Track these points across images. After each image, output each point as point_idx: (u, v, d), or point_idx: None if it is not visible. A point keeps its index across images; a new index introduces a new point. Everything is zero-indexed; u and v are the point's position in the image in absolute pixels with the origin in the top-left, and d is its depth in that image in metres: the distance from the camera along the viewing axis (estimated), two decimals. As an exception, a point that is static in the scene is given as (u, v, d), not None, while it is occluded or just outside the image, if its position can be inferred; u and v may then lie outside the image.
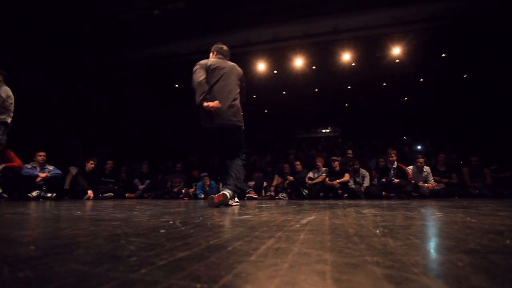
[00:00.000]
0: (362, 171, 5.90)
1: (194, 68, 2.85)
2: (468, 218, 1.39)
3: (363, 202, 3.59)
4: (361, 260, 0.58)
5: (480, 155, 5.51)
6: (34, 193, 4.65)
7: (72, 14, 6.66)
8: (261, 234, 0.93)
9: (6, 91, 3.87)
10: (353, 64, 9.05)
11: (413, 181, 5.14)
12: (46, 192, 4.81)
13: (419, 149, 7.79)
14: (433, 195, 5.05)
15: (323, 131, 18.13)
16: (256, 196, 5.47)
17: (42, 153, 4.96)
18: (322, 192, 5.59)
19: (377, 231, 0.99)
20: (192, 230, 1.02)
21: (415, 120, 11.69)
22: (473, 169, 5.42)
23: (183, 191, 5.75)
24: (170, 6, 7.38)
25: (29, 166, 4.84)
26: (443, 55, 8.33)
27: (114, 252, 0.65)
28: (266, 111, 13.07)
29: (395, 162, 5.33)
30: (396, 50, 7.90)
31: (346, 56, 8.48)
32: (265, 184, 5.90)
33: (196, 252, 0.66)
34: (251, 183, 5.82)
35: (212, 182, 5.88)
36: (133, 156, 8.05)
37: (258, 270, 0.51)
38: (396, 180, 5.06)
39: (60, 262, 0.56)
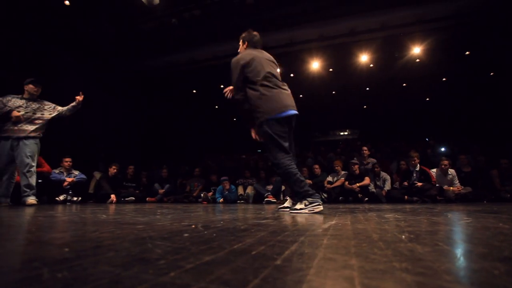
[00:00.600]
0: (383, 174, 5.75)
1: (234, 65, 2.46)
2: (501, 224, 1.32)
3: (385, 206, 3.49)
4: (389, 266, 0.57)
5: (511, 157, 5.24)
6: (61, 197, 4.85)
7: (96, 26, 6.97)
8: (284, 238, 0.93)
9: None
10: (371, 65, 8.90)
11: (437, 185, 4.95)
12: (72, 196, 5.01)
13: (443, 151, 7.49)
14: (460, 199, 4.83)
15: (341, 134, 17.88)
16: (275, 200, 5.45)
17: (68, 159, 5.19)
18: (341, 196, 5.49)
19: (403, 236, 0.97)
20: (214, 234, 1.03)
21: (437, 121, 11.30)
22: (504, 172, 5.15)
23: (202, 195, 5.82)
24: (186, 15, 7.57)
25: (57, 171, 5.07)
26: (467, 52, 8.01)
27: (143, 255, 0.67)
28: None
29: (418, 165, 5.15)
30: (416, 50, 7.70)
31: (364, 58, 8.36)
32: (283, 188, 5.86)
33: (221, 256, 0.67)
34: (269, 187, 5.80)
35: (232, 186, 5.93)
36: (153, 161, 8.26)
37: (285, 275, 0.51)
38: (419, 184, 4.89)
39: (93, 264, 0.58)
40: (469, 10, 6.03)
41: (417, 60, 8.29)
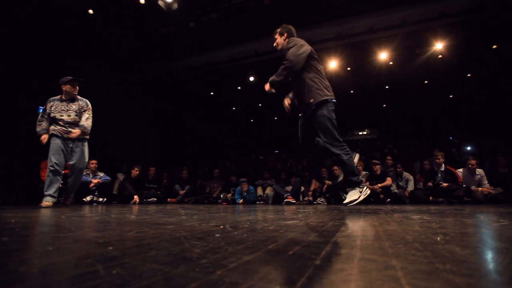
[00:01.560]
0: (406, 174, 5.60)
1: (300, 43, 2.60)
2: (540, 226, 1.26)
3: (409, 207, 3.40)
4: (432, 267, 0.57)
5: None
6: (88, 198, 5.05)
7: (117, 32, 7.22)
8: (315, 239, 0.94)
9: None
10: (391, 63, 8.70)
11: (464, 185, 4.77)
12: (98, 197, 5.21)
13: (469, 150, 7.19)
14: (489, 200, 4.62)
15: (360, 133, 17.53)
16: (294, 201, 5.43)
17: (94, 161, 5.39)
18: (362, 197, 5.38)
19: (438, 238, 0.94)
20: (245, 235, 1.05)
21: (462, 119, 10.86)
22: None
23: (221, 196, 5.89)
24: (204, 18, 7.70)
25: (84, 173, 5.28)
26: (495, 46, 7.66)
27: (184, 254, 0.70)
28: (300, 115, 12.96)
29: (443, 165, 4.98)
30: (439, 45, 7.45)
31: (383, 55, 8.17)
32: (302, 189, 5.84)
33: (259, 256, 0.68)
34: (289, 188, 5.79)
35: (251, 187, 5.97)
36: (173, 163, 8.44)
37: (329, 275, 0.52)
38: (445, 184, 4.73)
39: (141, 262, 0.61)
40: (497, 1, 5.77)
41: (440, 56, 8.03)
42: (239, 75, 9.15)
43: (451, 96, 11.17)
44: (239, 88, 10.41)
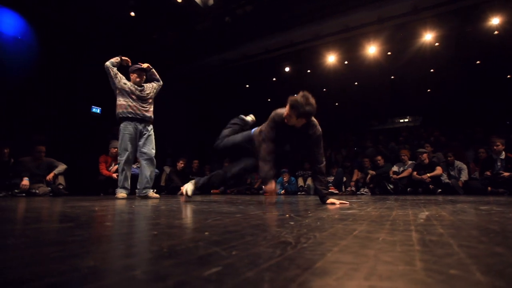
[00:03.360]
0: (458, 163, 5.25)
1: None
2: None
3: (467, 198, 3.21)
4: (544, 256, 0.56)
5: None
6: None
7: (158, 33, 7.54)
8: (393, 227, 0.95)
9: None
10: (436, 44, 8.08)
11: (529, 174, 4.36)
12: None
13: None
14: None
15: (401, 121, 16.60)
16: (336, 192, 5.37)
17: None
18: (409, 187, 5.17)
19: (528, 228, 0.91)
20: (318, 223, 1.09)
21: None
22: None
23: (263, 187, 5.99)
24: (239, 11, 7.75)
25: (134, 166, 5.66)
26: None
27: (279, 240, 0.75)
28: (336, 104, 12.62)
29: (503, 152, 4.59)
30: (495, 20, 6.75)
31: (428, 36, 7.61)
32: (344, 179, 5.74)
33: (352, 241, 0.71)
34: (330, 179, 5.72)
35: (292, 178, 5.99)
36: (214, 155, 8.72)
37: (440, 258, 0.53)
38: (506, 174, 4.36)
39: (248, 245, 0.68)
40: None
41: (496, 32, 7.28)
42: (274, 66, 9.12)
43: (508, 76, 10.12)
44: (274, 79, 10.38)
